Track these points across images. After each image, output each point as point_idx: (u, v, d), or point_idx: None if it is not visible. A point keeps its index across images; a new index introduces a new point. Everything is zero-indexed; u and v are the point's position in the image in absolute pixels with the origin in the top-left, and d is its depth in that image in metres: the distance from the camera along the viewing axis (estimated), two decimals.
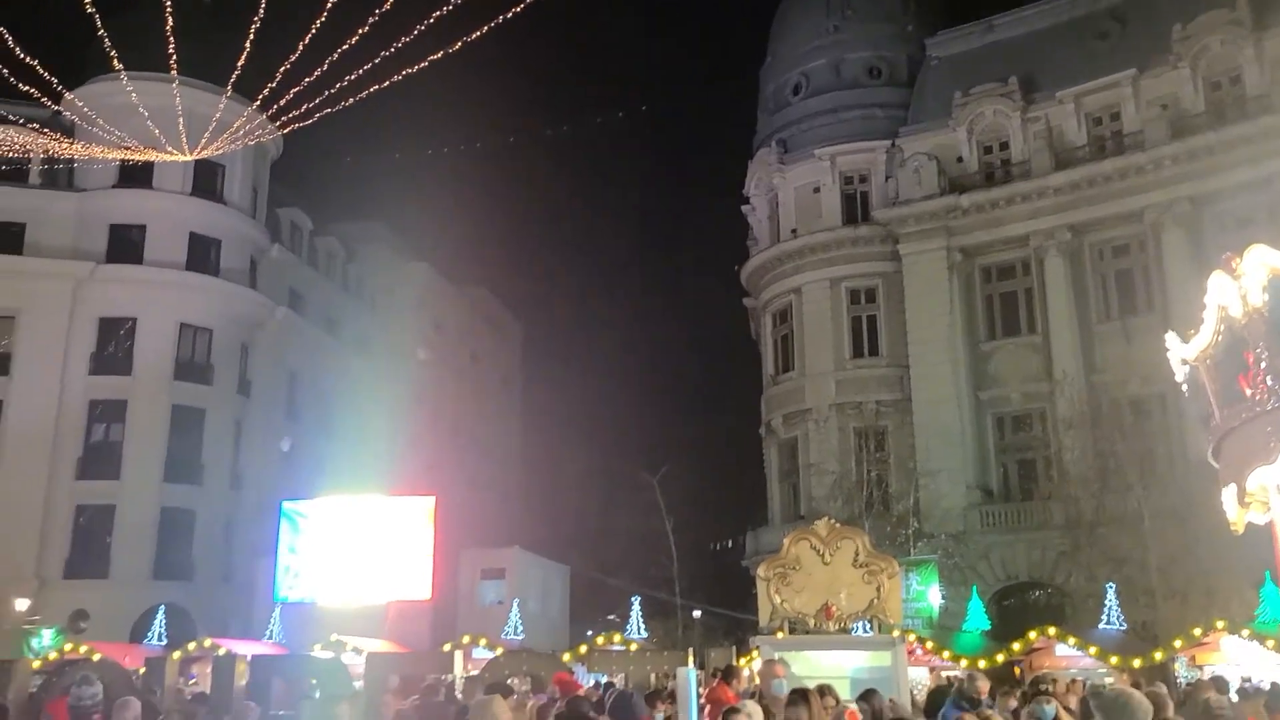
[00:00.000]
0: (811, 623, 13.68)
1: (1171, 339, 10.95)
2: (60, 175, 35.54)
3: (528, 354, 67.08)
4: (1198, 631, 17.84)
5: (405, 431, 44.61)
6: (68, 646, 22.77)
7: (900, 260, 34.37)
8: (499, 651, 21.72)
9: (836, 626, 13.61)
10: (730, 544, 46.05)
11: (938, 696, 14.26)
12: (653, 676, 18.74)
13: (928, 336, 33.06)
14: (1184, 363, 10.59)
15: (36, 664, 21.78)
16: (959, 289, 33.46)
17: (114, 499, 34.95)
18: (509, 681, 15.29)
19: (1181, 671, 17.64)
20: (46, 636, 26.33)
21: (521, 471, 59.98)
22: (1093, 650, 18.43)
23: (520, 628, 25.45)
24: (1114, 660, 17.96)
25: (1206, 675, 16.01)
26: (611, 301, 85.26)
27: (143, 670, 21.10)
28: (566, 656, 20.42)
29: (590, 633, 28.50)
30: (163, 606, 26.39)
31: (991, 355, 33.21)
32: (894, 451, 33.36)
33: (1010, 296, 33.67)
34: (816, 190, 36.86)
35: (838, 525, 14.63)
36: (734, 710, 7.72)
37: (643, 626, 24.45)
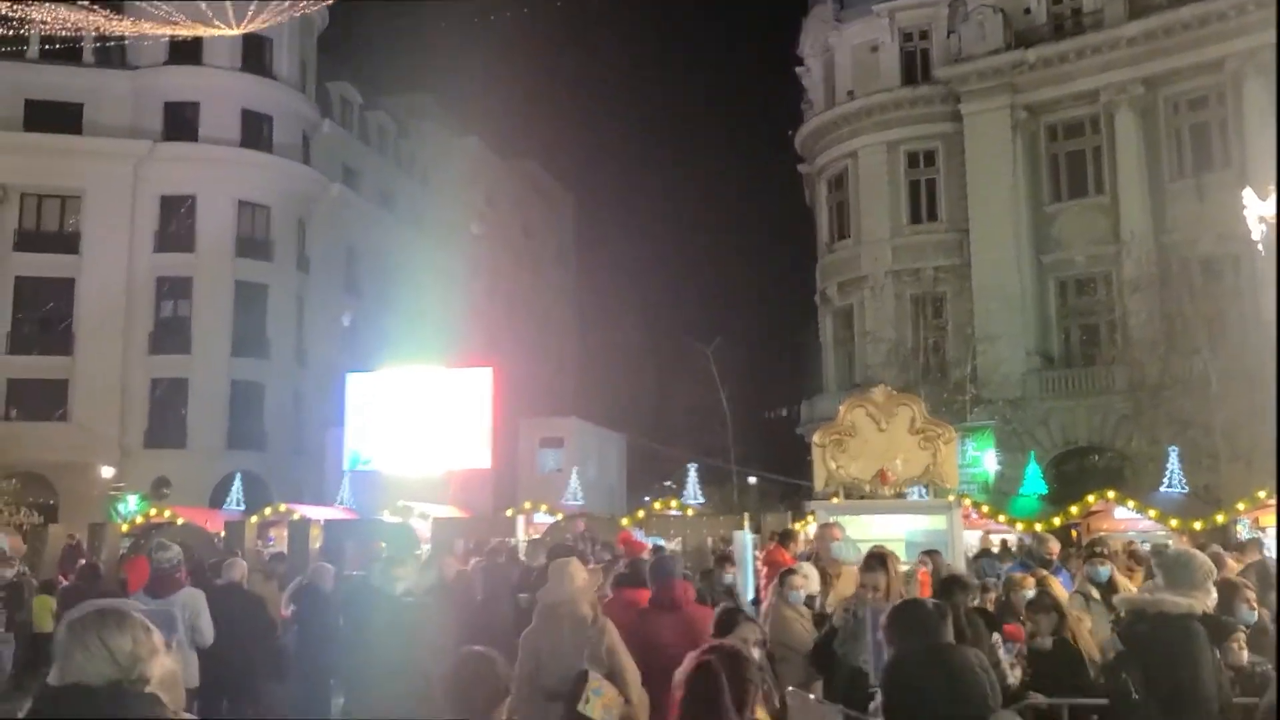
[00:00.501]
0: (867, 488, 13.74)
1: (1249, 196, 10.64)
2: (113, 54, 35.72)
3: (580, 225, 67.15)
4: (1263, 494, 17.33)
5: (462, 304, 45.19)
6: (152, 511, 23.81)
7: (961, 121, 33.22)
8: (559, 517, 22.35)
9: (892, 491, 13.65)
10: (785, 412, 46.46)
11: (981, 558, 14.69)
12: (709, 540, 19.18)
13: (989, 199, 32.14)
14: (1261, 220, 10.30)
15: (125, 528, 22.84)
16: (1023, 149, 32.17)
17: (186, 372, 36.20)
18: (568, 545, 15.73)
19: (1244, 534, 17.07)
20: (132, 502, 27.62)
21: (577, 342, 60.75)
22: (1152, 513, 18.22)
23: (579, 494, 26.09)
24: (1174, 523, 17.72)
25: (1269, 537, 15.66)
26: (663, 170, 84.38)
27: (223, 534, 21.96)
28: (625, 521, 20.89)
29: (647, 499, 29.10)
30: (239, 474, 27.46)
31: (1056, 217, 32.04)
32: (952, 318, 32.78)
33: (1077, 155, 32.31)
34: (875, 49, 35.38)
35: (894, 392, 14.58)
36: (791, 571, 8.23)
37: (699, 492, 24.87)
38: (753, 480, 40.60)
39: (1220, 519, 17.44)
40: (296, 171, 39.58)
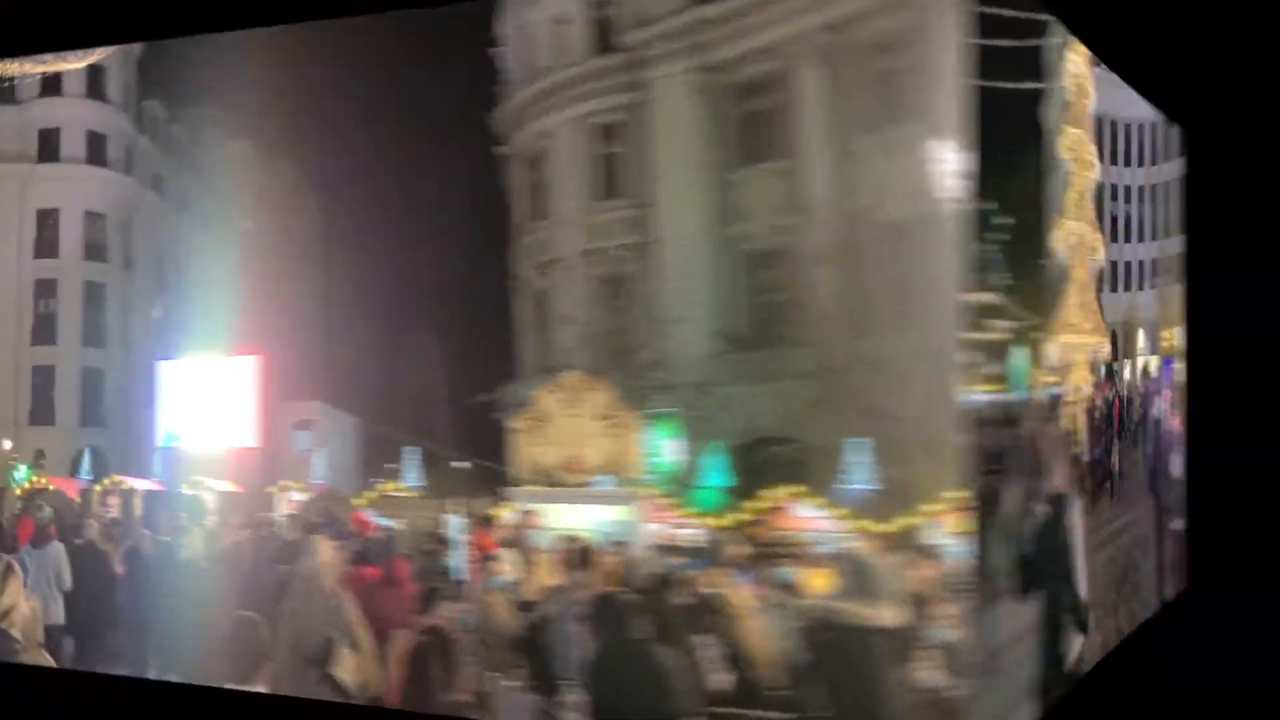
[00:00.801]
0: (558, 476, 13.95)
1: (938, 149, 9.79)
2: (6, 92, 42.95)
3: (332, 223, 73.13)
4: (954, 494, 14.23)
5: (238, 298, 52.07)
6: (34, 479, 30.23)
7: (648, 90, 36.28)
8: (309, 495, 19.81)
9: (581, 480, 13.80)
10: (493, 398, 50.74)
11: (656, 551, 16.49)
12: (429, 522, 16.63)
13: (674, 169, 27.75)
14: (951, 176, 9.31)
15: (18, 492, 27.15)
16: (706, 113, 32.04)
17: (55, 361, 43.69)
18: (316, 522, 16.55)
19: (934, 539, 13.26)
20: (22, 471, 33.75)
21: (326, 333, 67.87)
22: (836, 511, 14.87)
23: (324, 474, 29.46)
24: (861, 524, 14.60)
25: (959, 543, 12.55)
26: (390, 164, 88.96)
27: (79, 500, 21.88)
28: (360, 501, 18.69)
29: (374, 480, 34.08)
30: (89, 449, 35.10)
31: (739, 185, 30.03)
32: (638, 299, 36.03)
33: (761, 116, 31.36)
34: (567, 21, 37.91)
35: (584, 378, 14.60)
36: (490, 557, 8.65)
37: (418, 476, 26.47)
38: (464, 465, 46.55)
39: (910, 521, 14.43)
40: (122, 183, 46.51)
